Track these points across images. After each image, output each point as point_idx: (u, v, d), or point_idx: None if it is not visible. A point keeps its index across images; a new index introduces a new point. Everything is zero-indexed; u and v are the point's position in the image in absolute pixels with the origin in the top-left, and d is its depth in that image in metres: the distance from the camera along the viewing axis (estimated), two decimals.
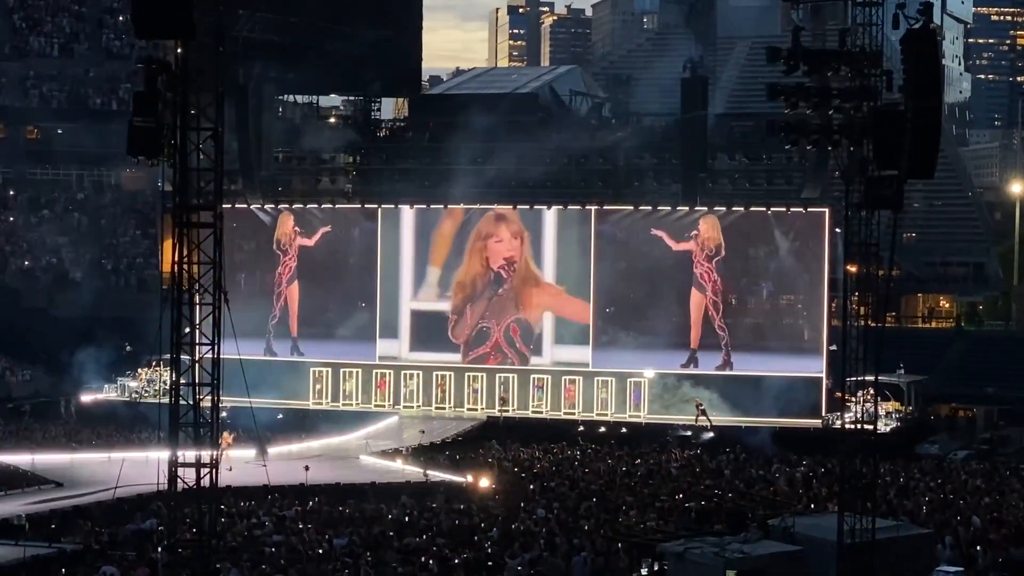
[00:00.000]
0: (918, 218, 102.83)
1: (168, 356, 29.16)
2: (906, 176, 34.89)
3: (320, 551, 39.13)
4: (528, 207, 75.30)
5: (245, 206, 78.25)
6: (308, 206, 78.82)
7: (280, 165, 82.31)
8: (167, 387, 29.10)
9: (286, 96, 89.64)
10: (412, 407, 75.58)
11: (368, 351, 76.78)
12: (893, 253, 37.02)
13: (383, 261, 77.08)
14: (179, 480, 28.56)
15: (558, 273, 74.94)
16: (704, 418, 68.96)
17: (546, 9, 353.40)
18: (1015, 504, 48.47)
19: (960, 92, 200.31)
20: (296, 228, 78.30)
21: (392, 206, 77.33)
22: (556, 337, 74.78)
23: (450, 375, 75.73)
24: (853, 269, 37.60)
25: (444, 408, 75.33)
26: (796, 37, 38.72)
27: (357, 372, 76.62)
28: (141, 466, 47.65)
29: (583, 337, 74.19)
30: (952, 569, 35.78)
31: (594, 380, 73.63)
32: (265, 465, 53.49)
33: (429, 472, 56.66)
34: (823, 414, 68.88)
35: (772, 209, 72.30)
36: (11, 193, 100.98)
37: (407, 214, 76.99)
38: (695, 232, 72.80)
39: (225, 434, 60.32)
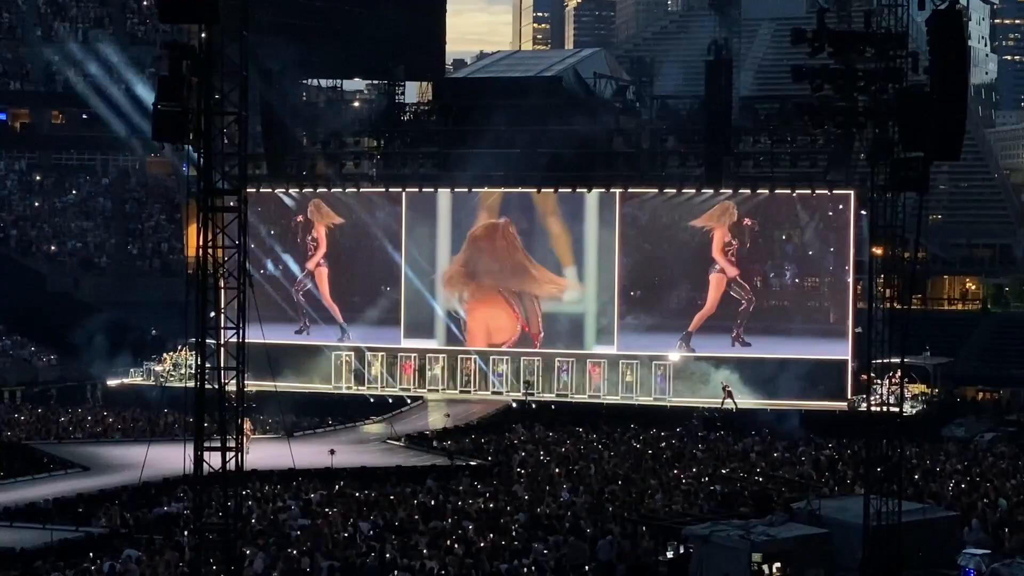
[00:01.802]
0: (944, 200, 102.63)
1: (193, 340, 29.18)
2: (932, 158, 34.78)
3: (346, 535, 39.22)
4: (552, 190, 75.24)
5: (269, 190, 78.34)
6: (332, 190, 78.82)
7: (304, 149, 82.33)
8: (192, 371, 29.12)
9: (310, 80, 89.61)
10: (437, 391, 75.61)
11: (393, 335, 76.83)
12: (919, 235, 36.96)
13: (407, 245, 77.12)
14: (205, 464, 28.60)
15: (599, 255, 74.89)
16: (730, 400, 68.94)
17: None
18: None
19: (986, 73, 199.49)
20: (319, 214, 78.31)
21: (416, 190, 77.34)
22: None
23: (475, 359, 75.72)
24: (879, 251, 37.48)
25: (469, 392, 75.35)
26: (821, 19, 38.57)
27: (382, 356, 76.69)
28: (167, 450, 47.82)
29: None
30: (979, 552, 35.68)
31: (619, 364, 73.58)
32: (290, 439, 54.08)
33: (454, 456, 56.75)
34: (849, 396, 68.77)
35: (797, 191, 72.13)
36: (36, 178, 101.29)
37: (431, 198, 76.97)
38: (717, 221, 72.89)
39: (247, 420, 60.70)
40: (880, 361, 36.90)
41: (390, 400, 73.51)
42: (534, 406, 71.90)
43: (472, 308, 76.20)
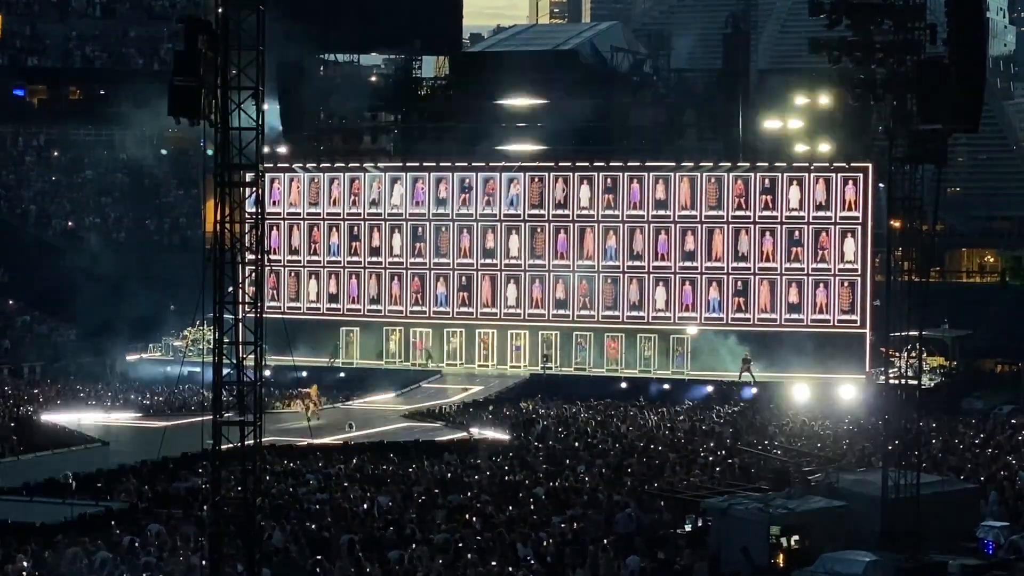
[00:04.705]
0: (962, 172, 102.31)
1: (211, 315, 29.19)
2: (950, 130, 34.70)
3: (365, 506, 39.33)
4: (570, 164, 75.14)
5: (287, 165, 78.40)
6: (350, 164, 78.80)
7: (321, 124, 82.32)
8: (211, 346, 29.10)
9: (327, 55, 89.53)
10: (455, 365, 75.70)
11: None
12: (937, 208, 36.86)
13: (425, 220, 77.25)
14: (223, 439, 28.64)
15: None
16: (748, 374, 68.91)
17: None
18: None
19: (1004, 45, 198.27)
20: (337, 187, 78.34)
21: (434, 164, 77.23)
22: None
23: (493, 332, 75.81)
24: (897, 224, 37.45)
25: (487, 366, 75.43)
26: None
27: (400, 331, 76.83)
28: (186, 425, 48.06)
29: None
30: (998, 524, 35.75)
31: (636, 337, 73.60)
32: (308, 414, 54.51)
33: (472, 429, 56.89)
34: (867, 369, 68.70)
35: (814, 164, 71.94)
36: (55, 154, 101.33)
37: (448, 173, 76.90)
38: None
39: (314, 387, 62.05)
40: (898, 334, 36.89)
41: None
42: (549, 367, 72.36)
43: None
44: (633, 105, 77.58)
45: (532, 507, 39.30)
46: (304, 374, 68.18)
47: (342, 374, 74.10)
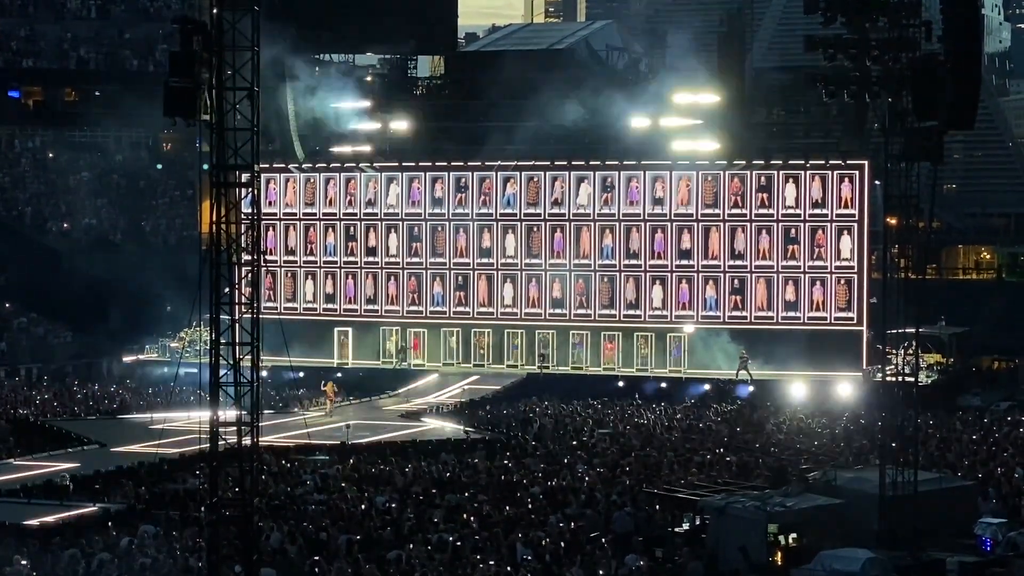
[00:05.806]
0: (958, 169, 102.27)
1: (207, 316, 29.17)
2: (946, 127, 34.72)
3: (363, 507, 39.31)
4: (565, 162, 75.08)
5: (283, 165, 78.36)
6: (345, 165, 78.77)
7: (316, 124, 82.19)
8: (207, 347, 29.09)
9: (322, 55, 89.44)
10: (452, 364, 75.66)
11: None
12: (933, 205, 36.90)
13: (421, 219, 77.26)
14: (220, 440, 28.62)
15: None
16: (745, 371, 68.87)
17: None
18: None
19: (1000, 42, 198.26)
20: (333, 187, 78.29)
21: (429, 164, 77.20)
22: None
23: (489, 332, 75.74)
24: (893, 221, 37.46)
25: (484, 365, 75.36)
26: None
27: (397, 331, 76.78)
28: (183, 426, 48.02)
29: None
30: (995, 520, 35.75)
31: (634, 335, 73.54)
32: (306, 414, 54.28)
33: (469, 429, 56.86)
34: (864, 367, 68.69)
35: (810, 162, 71.92)
36: (50, 155, 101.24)
37: (444, 172, 76.84)
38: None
39: (330, 384, 62.44)
40: (895, 331, 36.89)
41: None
42: (546, 366, 72.46)
43: None
44: (628, 104, 77.45)
45: (530, 506, 39.28)
46: (301, 375, 68.22)
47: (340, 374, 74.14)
